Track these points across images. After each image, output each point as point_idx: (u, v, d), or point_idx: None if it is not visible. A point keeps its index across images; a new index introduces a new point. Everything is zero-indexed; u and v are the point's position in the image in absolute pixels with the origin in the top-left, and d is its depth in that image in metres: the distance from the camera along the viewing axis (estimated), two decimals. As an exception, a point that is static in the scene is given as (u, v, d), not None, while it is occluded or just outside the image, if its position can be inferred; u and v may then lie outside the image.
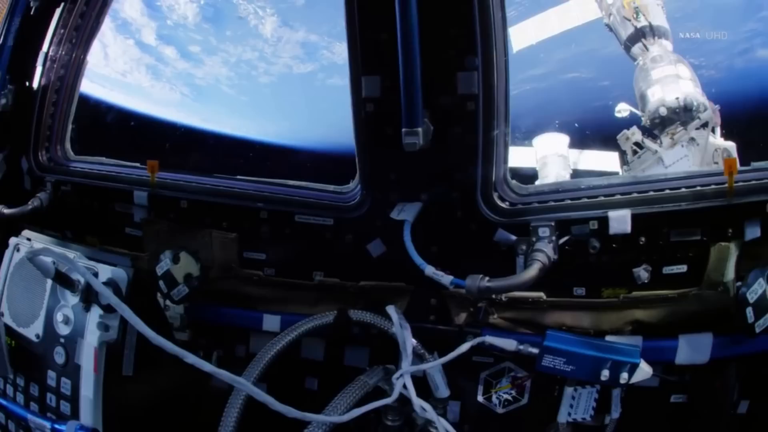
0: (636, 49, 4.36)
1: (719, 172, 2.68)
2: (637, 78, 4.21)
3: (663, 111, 3.95)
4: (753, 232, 2.68)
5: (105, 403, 2.96)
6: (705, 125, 4.00)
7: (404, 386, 2.70)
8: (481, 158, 2.64)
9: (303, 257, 3.00)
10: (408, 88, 2.39)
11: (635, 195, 2.67)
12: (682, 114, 3.98)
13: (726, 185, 2.63)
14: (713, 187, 2.66)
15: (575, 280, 2.78)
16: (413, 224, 2.71)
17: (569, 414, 2.97)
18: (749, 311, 2.66)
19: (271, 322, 3.04)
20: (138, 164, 3.42)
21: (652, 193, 2.67)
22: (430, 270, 2.56)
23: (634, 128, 4.29)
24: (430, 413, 2.72)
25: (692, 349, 2.80)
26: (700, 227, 2.67)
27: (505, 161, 2.75)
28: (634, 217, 2.63)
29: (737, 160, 2.75)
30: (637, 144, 4.25)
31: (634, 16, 4.25)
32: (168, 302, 3.17)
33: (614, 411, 2.93)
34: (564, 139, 4.82)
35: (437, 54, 2.46)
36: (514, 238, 2.67)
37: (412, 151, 2.45)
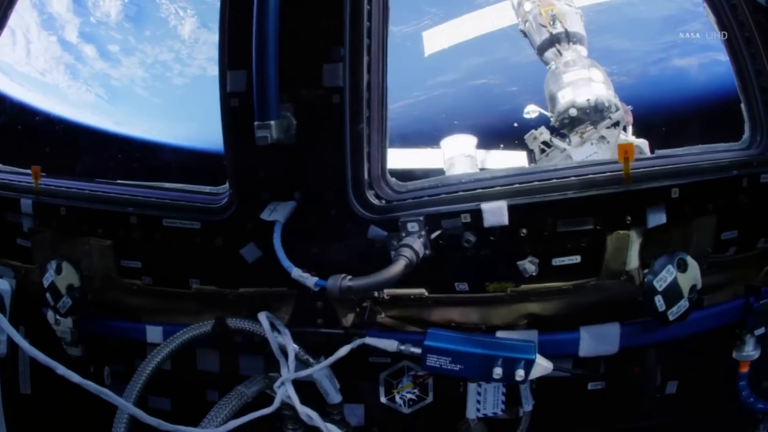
0: (549, 54, 4.25)
1: (615, 160, 2.52)
2: (548, 81, 4.14)
3: (573, 112, 3.90)
4: (657, 219, 2.54)
5: (7, 424, 2.87)
6: (616, 124, 3.93)
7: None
8: (349, 154, 2.47)
9: (176, 264, 2.82)
10: (260, 79, 2.23)
11: (512, 186, 2.50)
12: (593, 114, 3.92)
13: (621, 172, 2.48)
14: (606, 174, 2.50)
15: (456, 275, 2.62)
16: (290, 225, 2.53)
17: (478, 410, 2.82)
18: (658, 299, 2.53)
19: (154, 333, 2.89)
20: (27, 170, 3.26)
21: (536, 183, 2.50)
22: (296, 272, 2.39)
23: (543, 128, 4.24)
24: (316, 420, 2.60)
25: (597, 341, 2.65)
26: (593, 216, 2.50)
27: (383, 157, 2.59)
28: (513, 208, 2.45)
29: (633, 146, 2.57)
30: (545, 143, 4.17)
31: (551, 23, 4.18)
32: (58, 316, 3.05)
33: (525, 404, 2.79)
34: (471, 140, 4.74)
35: (303, 46, 2.33)
36: (386, 234, 2.48)
37: (264, 146, 2.29)
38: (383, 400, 2.87)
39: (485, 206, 2.44)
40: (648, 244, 2.60)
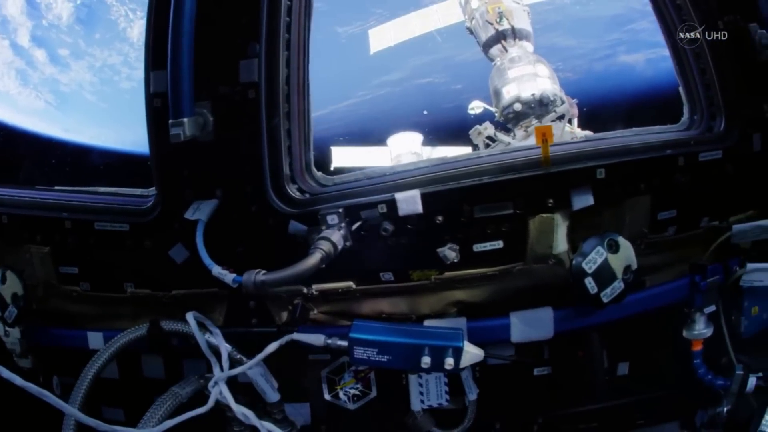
0: (495, 50, 4.25)
1: (534, 146, 2.50)
2: (493, 77, 4.13)
3: (518, 106, 3.91)
4: (582, 201, 2.52)
5: None
6: (561, 117, 3.91)
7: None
8: (267, 148, 2.46)
9: (111, 268, 2.82)
10: (174, 76, 2.25)
11: (426, 175, 2.50)
12: (538, 108, 3.92)
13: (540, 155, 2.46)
14: (525, 158, 2.49)
15: (380, 265, 2.60)
16: (216, 223, 2.54)
17: (422, 401, 2.81)
18: (589, 282, 2.50)
19: (95, 340, 2.87)
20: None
21: (449, 171, 2.50)
22: (216, 270, 2.38)
23: (487, 123, 4.24)
24: (252, 419, 2.59)
25: (529, 326, 2.62)
26: (512, 200, 2.49)
27: (306, 151, 2.58)
28: (428, 196, 2.44)
29: (552, 128, 2.54)
30: (489, 138, 4.15)
31: (497, 20, 4.19)
32: (6, 327, 3.08)
33: (470, 393, 2.78)
34: (417, 137, 4.82)
35: (221, 43, 2.34)
36: (305, 228, 2.47)
37: (185, 145, 2.30)
38: (327, 397, 2.86)
39: (399, 195, 2.43)
40: (577, 227, 2.57)
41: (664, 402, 3.12)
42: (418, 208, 2.44)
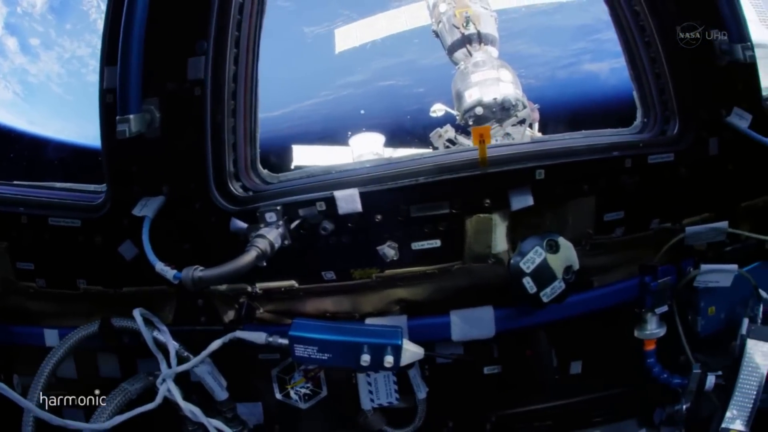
0: (459, 54, 4.25)
1: (473, 147, 2.53)
2: (456, 80, 4.12)
3: (479, 110, 3.87)
4: (521, 201, 2.53)
5: None
6: (522, 122, 3.91)
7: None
8: (210, 145, 2.49)
9: (65, 264, 2.80)
10: (123, 73, 2.28)
11: (365, 174, 2.53)
12: (499, 112, 3.89)
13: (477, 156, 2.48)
14: (461, 159, 2.52)
15: (322, 264, 2.63)
16: (160, 220, 2.55)
17: (372, 400, 2.85)
18: (527, 281, 2.52)
19: (51, 337, 2.89)
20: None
21: (387, 170, 2.53)
22: (159, 266, 2.38)
23: (448, 126, 4.24)
24: (200, 416, 2.63)
25: (469, 324, 2.64)
26: (448, 200, 2.51)
27: (252, 148, 2.62)
28: (366, 195, 2.47)
29: (490, 129, 2.57)
30: (450, 141, 4.17)
31: (464, 24, 4.20)
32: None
33: (419, 391, 2.81)
34: (380, 138, 4.84)
35: (171, 40, 2.37)
36: (246, 225, 2.50)
37: (134, 141, 2.35)
38: (279, 396, 2.88)
39: (338, 194, 2.46)
40: (518, 227, 2.60)
41: (622, 400, 3.13)
42: (357, 206, 2.47)
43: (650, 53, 2.70)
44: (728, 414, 2.74)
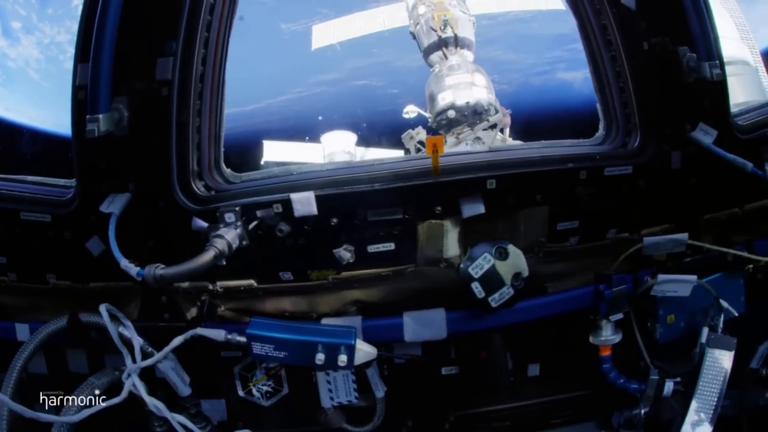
0: (435, 57, 4.26)
1: (426, 155, 2.60)
2: (430, 83, 4.13)
3: (451, 113, 3.90)
4: (472, 209, 2.61)
5: None
6: (493, 126, 3.95)
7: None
8: (175, 145, 2.55)
9: (35, 259, 2.84)
10: (94, 72, 2.34)
11: (322, 178, 2.60)
12: (471, 116, 3.93)
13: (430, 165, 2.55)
14: (415, 167, 2.60)
15: (279, 264, 2.71)
16: (126, 216, 2.61)
17: (332, 398, 2.92)
18: (476, 286, 2.61)
19: (22, 331, 2.96)
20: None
21: (344, 175, 2.61)
22: (124, 263, 2.45)
23: (419, 128, 4.27)
24: (164, 411, 2.69)
25: (421, 326, 2.71)
26: (402, 206, 2.60)
27: (216, 147, 2.67)
28: (323, 198, 2.54)
29: (444, 139, 2.65)
30: (420, 143, 4.20)
31: (441, 27, 4.19)
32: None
33: (377, 390, 2.88)
34: (351, 136, 4.81)
35: (142, 40, 2.41)
36: (206, 225, 2.57)
37: (103, 138, 2.39)
38: (241, 393, 2.96)
39: (294, 196, 2.53)
40: (470, 233, 2.67)
41: (580, 402, 3.19)
42: (313, 209, 2.54)
43: (615, 67, 2.75)
44: (688, 420, 2.80)
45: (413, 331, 2.72)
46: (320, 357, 2.55)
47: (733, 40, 4.71)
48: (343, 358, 2.55)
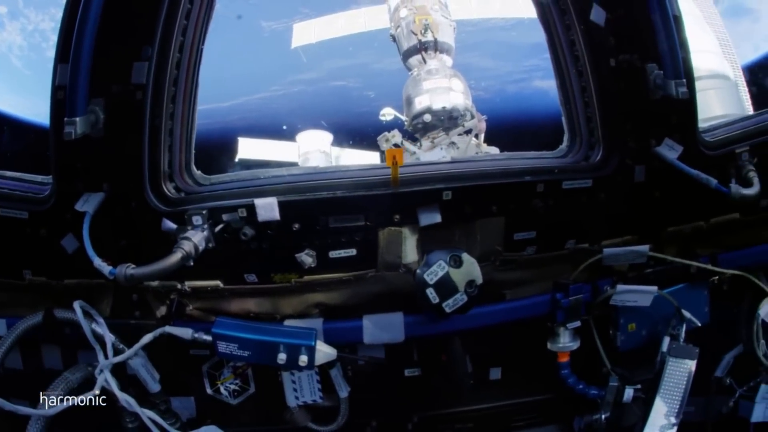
0: (414, 60, 4.30)
1: (386, 166, 2.67)
2: (407, 86, 4.17)
3: (427, 117, 3.93)
4: (429, 218, 2.70)
5: None
6: (468, 132, 4.01)
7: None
8: (147, 147, 2.62)
9: (12, 255, 2.88)
10: (73, 74, 2.40)
11: (286, 184, 2.67)
12: (447, 121, 3.97)
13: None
14: (375, 177, 2.68)
15: (244, 267, 2.79)
16: (101, 216, 2.67)
17: (297, 398, 3.01)
18: (430, 292, 2.68)
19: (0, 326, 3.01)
20: None
21: (307, 182, 2.68)
22: (97, 261, 2.51)
23: (395, 131, 4.28)
24: (134, 407, 2.77)
25: (380, 329, 2.81)
26: (363, 213, 2.68)
27: (187, 150, 2.75)
28: (285, 204, 2.62)
29: (403, 151, 2.74)
30: (396, 145, 4.25)
31: (422, 31, 4.23)
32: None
33: (341, 390, 2.97)
34: (327, 136, 4.88)
35: (120, 44, 2.46)
36: (175, 227, 2.65)
37: (78, 138, 2.42)
38: (209, 391, 3.05)
39: (258, 201, 2.62)
40: (428, 240, 2.77)
41: (542, 406, 3.27)
42: (276, 215, 2.63)
43: (581, 82, 2.81)
44: (648, 426, 2.87)
45: (372, 333, 2.82)
46: (282, 357, 2.64)
47: (714, 55, 4.76)
48: (303, 359, 2.65)
